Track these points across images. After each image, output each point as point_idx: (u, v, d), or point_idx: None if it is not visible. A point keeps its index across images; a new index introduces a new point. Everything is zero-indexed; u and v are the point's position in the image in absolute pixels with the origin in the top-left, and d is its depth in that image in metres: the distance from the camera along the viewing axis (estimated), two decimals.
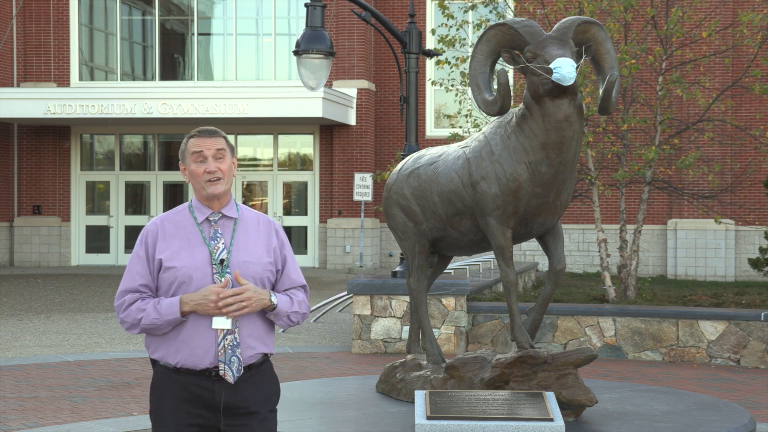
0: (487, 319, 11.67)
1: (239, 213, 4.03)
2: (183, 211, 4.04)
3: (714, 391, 9.34)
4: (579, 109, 5.89)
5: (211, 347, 3.88)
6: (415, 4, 20.59)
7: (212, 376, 3.90)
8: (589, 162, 13.64)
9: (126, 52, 26.75)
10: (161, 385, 3.96)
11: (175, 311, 3.86)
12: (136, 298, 3.95)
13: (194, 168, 3.97)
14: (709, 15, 15.50)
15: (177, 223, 4.00)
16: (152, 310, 3.88)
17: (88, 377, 10.12)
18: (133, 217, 26.38)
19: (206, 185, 3.95)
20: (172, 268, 3.91)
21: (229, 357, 3.89)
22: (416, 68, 12.09)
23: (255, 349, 3.96)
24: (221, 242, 3.95)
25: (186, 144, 4.01)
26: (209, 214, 4.00)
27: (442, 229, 6.52)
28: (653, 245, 23.81)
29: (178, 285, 3.91)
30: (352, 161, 25.08)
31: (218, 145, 3.97)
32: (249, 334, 3.94)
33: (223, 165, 3.97)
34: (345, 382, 7.57)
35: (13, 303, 17.30)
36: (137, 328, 3.93)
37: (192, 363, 3.89)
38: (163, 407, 3.94)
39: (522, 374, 6.03)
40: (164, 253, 3.94)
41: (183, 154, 4.02)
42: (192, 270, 3.90)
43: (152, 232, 3.99)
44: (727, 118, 17.69)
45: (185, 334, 3.90)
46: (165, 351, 3.94)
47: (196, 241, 3.95)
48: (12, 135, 26.32)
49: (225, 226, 4.00)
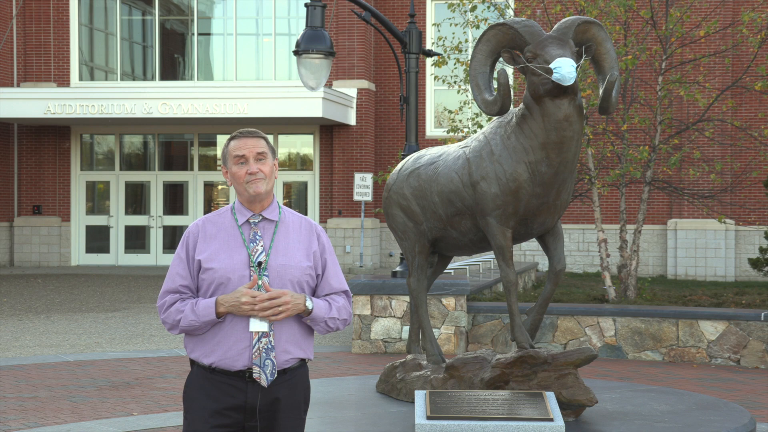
0: (487, 319, 11.67)
1: (281, 215, 4.02)
2: (225, 212, 4.03)
3: (714, 391, 9.34)
4: (579, 109, 5.89)
5: (246, 349, 3.88)
6: (415, 4, 20.59)
7: (245, 377, 3.90)
8: (589, 162, 13.63)
9: (126, 52, 26.75)
10: (195, 383, 3.97)
11: (210, 312, 3.87)
12: (176, 299, 3.97)
13: (236, 170, 3.96)
14: (709, 15, 15.51)
15: (218, 225, 4.00)
16: (190, 312, 3.90)
17: (88, 377, 10.12)
18: (133, 217, 26.38)
19: (248, 186, 3.94)
20: (210, 269, 3.92)
21: (264, 360, 3.88)
22: (416, 68, 12.09)
23: (291, 353, 3.95)
24: (260, 245, 3.94)
25: (227, 146, 4.01)
26: (250, 216, 3.99)
27: (442, 229, 6.52)
28: (653, 245, 23.81)
29: (216, 286, 3.92)
30: (352, 161, 25.07)
31: (259, 148, 3.96)
32: (286, 339, 3.93)
33: (265, 166, 3.96)
34: (345, 382, 7.57)
35: (13, 303, 17.29)
36: (177, 329, 3.96)
37: (226, 364, 3.90)
38: (195, 405, 3.95)
39: (522, 374, 6.03)
40: (203, 254, 3.94)
41: (224, 157, 4.02)
42: (230, 272, 3.90)
43: (193, 233, 4.00)
44: (727, 118, 17.69)
45: (221, 335, 3.91)
46: (201, 351, 3.94)
47: (235, 243, 3.95)
48: (12, 135, 26.32)
49: (265, 229, 3.98)
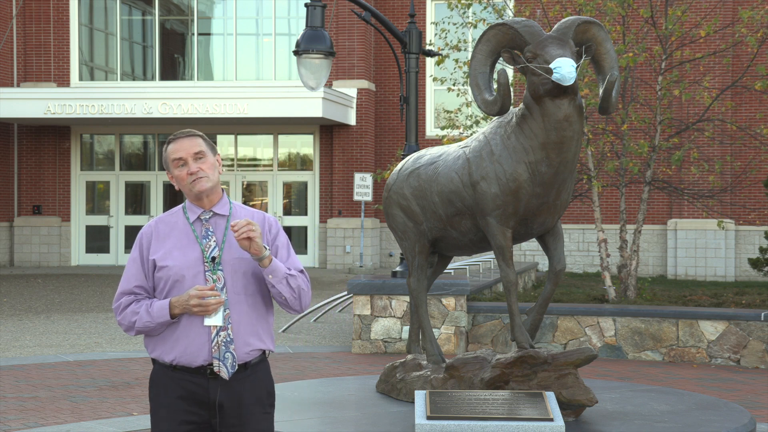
0: (487, 319, 11.67)
1: (231, 210, 4.06)
2: (177, 212, 4.09)
3: (714, 391, 9.34)
4: (579, 109, 5.89)
5: (205, 344, 3.92)
6: (415, 4, 20.59)
7: (207, 373, 3.93)
8: (589, 162, 13.63)
9: (126, 52, 26.75)
10: (158, 382, 4.01)
11: (165, 314, 3.92)
12: (131, 300, 4.01)
13: (177, 173, 4.01)
14: (708, 15, 15.50)
15: (170, 224, 4.05)
16: (144, 313, 3.94)
17: (88, 377, 10.12)
18: (133, 217, 26.38)
19: (192, 185, 3.99)
20: (165, 267, 3.96)
21: (223, 353, 3.92)
22: (416, 68, 12.09)
23: (251, 345, 3.99)
24: (213, 240, 3.99)
25: (165, 151, 4.05)
26: (200, 212, 4.03)
27: (442, 229, 6.52)
28: (653, 245, 23.81)
29: (171, 284, 3.96)
30: (352, 161, 25.07)
31: (195, 147, 4.00)
32: (245, 331, 3.97)
33: (204, 164, 3.99)
34: (345, 382, 7.57)
35: (13, 303, 17.29)
36: (132, 330, 4.00)
37: (186, 360, 3.93)
38: (160, 404, 3.99)
39: (522, 374, 6.03)
40: (158, 253, 3.99)
41: (165, 162, 4.06)
42: (184, 269, 3.95)
43: (146, 234, 4.05)
44: (727, 119, 17.68)
45: (179, 333, 3.95)
46: (161, 350, 3.98)
47: (188, 240, 4.00)
48: (12, 135, 26.32)
49: (217, 224, 4.03)
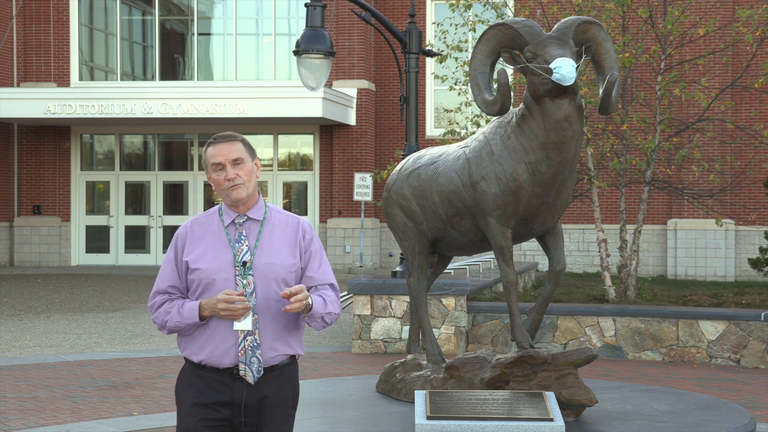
0: (487, 319, 11.67)
1: (266, 215, 4.07)
2: (212, 214, 4.11)
3: (714, 391, 9.34)
4: (579, 109, 5.89)
5: (232, 347, 3.96)
6: (415, 4, 20.59)
7: (234, 374, 3.97)
8: (589, 162, 13.62)
9: (126, 52, 26.75)
10: (186, 378, 4.06)
11: (194, 315, 3.95)
12: (165, 299, 4.05)
13: (215, 177, 4.03)
14: (707, 14, 15.48)
15: (205, 226, 4.07)
16: (176, 314, 3.99)
17: (88, 377, 10.12)
18: (133, 217, 26.37)
19: (228, 192, 4.01)
20: (197, 269, 3.99)
21: (249, 358, 3.96)
22: (416, 68, 12.09)
23: (277, 350, 4.02)
24: (245, 244, 4.00)
25: (205, 153, 4.07)
26: (235, 216, 4.05)
27: (442, 229, 6.52)
28: (653, 245, 23.80)
29: (203, 287, 3.99)
30: (352, 161, 25.07)
31: (234, 154, 4.00)
32: (272, 336, 4.00)
33: (242, 171, 4.00)
34: (345, 382, 7.57)
35: (13, 303, 17.29)
36: (165, 329, 4.05)
37: (214, 361, 3.98)
38: (186, 401, 4.03)
39: (522, 374, 6.03)
40: (191, 255, 4.02)
41: (205, 164, 4.08)
42: (215, 272, 3.97)
43: (182, 235, 4.08)
44: (727, 118, 17.67)
45: (208, 334, 3.99)
46: (191, 349, 4.03)
47: (221, 244, 4.02)
48: (12, 135, 26.32)
49: (250, 229, 4.05)
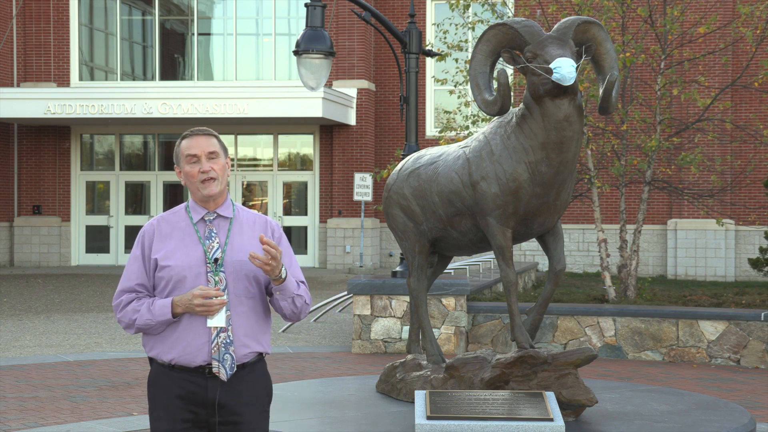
0: (487, 319, 11.67)
1: (235, 213, 4.07)
2: (179, 211, 4.08)
3: (714, 391, 9.34)
4: (579, 109, 5.89)
5: (205, 345, 3.93)
6: (415, 4, 20.58)
7: (206, 373, 3.94)
8: (589, 162, 13.62)
9: (126, 52, 26.75)
10: (157, 381, 4.01)
11: (166, 312, 3.91)
12: (132, 298, 4.00)
13: (188, 169, 4.00)
14: (707, 13, 15.47)
15: (173, 223, 4.04)
16: (146, 311, 3.94)
17: (88, 377, 10.13)
18: (133, 217, 26.38)
19: (201, 186, 3.99)
20: (166, 267, 3.96)
21: (223, 354, 3.93)
22: (416, 68, 12.09)
23: (249, 347, 4.00)
24: (216, 241, 3.99)
25: (179, 146, 4.05)
26: (204, 213, 4.03)
27: (442, 229, 6.52)
28: (653, 245, 23.81)
29: (173, 284, 3.95)
30: (352, 161, 25.07)
31: (211, 147, 4.01)
32: (244, 333, 3.98)
33: (217, 165, 4.00)
34: (345, 382, 7.57)
35: (13, 303, 17.29)
36: (132, 328, 3.99)
37: (185, 360, 3.94)
38: (158, 403, 3.99)
39: (522, 374, 6.03)
40: (159, 252, 3.98)
41: (177, 157, 4.06)
42: (186, 269, 3.94)
43: (148, 232, 4.04)
44: (727, 118, 17.67)
45: (179, 332, 3.95)
46: (160, 349, 3.98)
47: (191, 241, 3.99)
48: (12, 135, 26.32)
49: (220, 226, 4.03)
